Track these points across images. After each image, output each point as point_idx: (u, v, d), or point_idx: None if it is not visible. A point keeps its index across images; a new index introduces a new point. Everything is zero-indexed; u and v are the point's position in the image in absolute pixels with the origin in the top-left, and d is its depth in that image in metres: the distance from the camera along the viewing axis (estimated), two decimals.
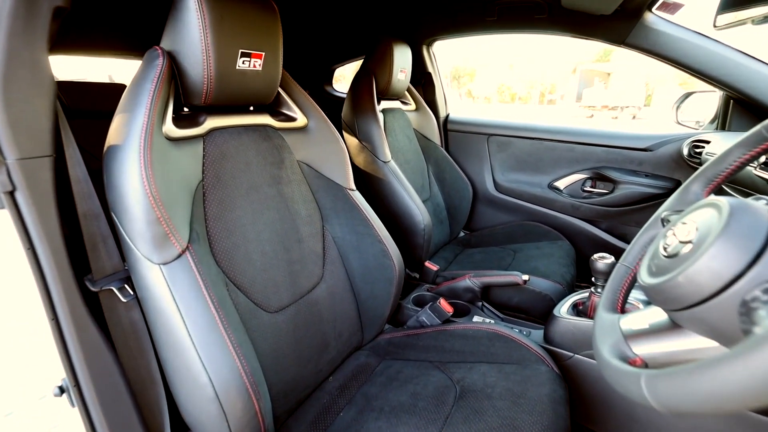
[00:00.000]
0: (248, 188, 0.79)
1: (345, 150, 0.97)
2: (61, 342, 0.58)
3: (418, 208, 1.30)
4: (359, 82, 1.35)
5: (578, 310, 0.96)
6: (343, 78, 2.35)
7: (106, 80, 1.77)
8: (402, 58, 1.41)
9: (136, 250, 0.58)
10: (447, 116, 1.86)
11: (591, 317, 0.90)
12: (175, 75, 0.68)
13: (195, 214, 0.67)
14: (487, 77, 30.16)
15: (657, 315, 0.46)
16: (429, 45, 1.75)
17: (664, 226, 0.56)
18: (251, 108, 0.86)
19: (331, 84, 2.18)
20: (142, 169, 0.56)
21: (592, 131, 1.57)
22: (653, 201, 1.46)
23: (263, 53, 0.75)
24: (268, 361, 0.75)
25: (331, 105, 1.60)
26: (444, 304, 1.03)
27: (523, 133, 1.69)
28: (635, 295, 0.98)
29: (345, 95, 1.40)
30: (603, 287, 0.88)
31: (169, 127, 0.66)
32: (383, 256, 0.98)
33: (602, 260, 0.85)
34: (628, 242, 1.59)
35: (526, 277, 1.05)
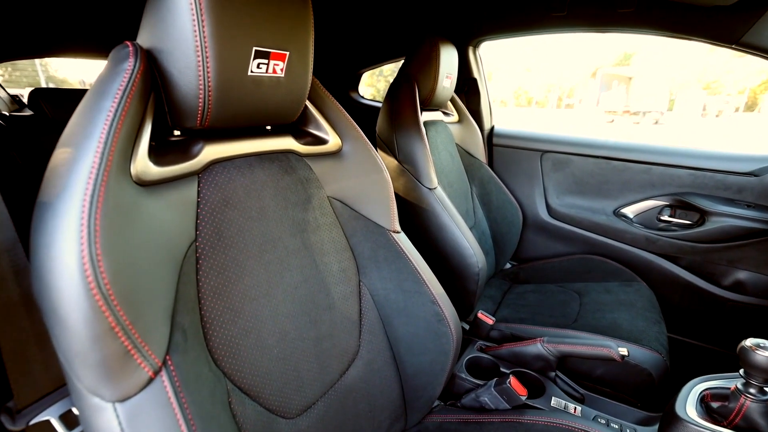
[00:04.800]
0: (262, 244, 0.56)
1: (389, 181, 0.73)
2: None
3: (471, 247, 1.05)
4: (399, 89, 1.11)
5: (707, 405, 0.70)
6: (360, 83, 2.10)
7: None
8: (448, 61, 1.17)
9: (76, 382, 0.35)
10: (492, 128, 1.61)
11: (737, 425, 0.64)
12: (158, 84, 0.45)
13: (181, 297, 0.43)
14: (502, 81, 29.74)
15: None
16: (476, 46, 1.49)
17: None
18: (268, 128, 0.63)
19: (357, 90, 1.94)
20: (84, 245, 0.33)
21: (675, 150, 1.30)
22: (757, 237, 1.18)
23: (287, 53, 0.51)
24: None
25: (357, 116, 1.35)
26: (516, 384, 0.78)
27: (586, 150, 1.43)
28: None
29: (373, 104, 1.15)
30: (760, 388, 0.62)
31: (143, 166, 0.42)
32: (438, 321, 0.74)
33: (764, 351, 0.59)
34: (718, 284, 1.34)
35: (624, 351, 0.80)
